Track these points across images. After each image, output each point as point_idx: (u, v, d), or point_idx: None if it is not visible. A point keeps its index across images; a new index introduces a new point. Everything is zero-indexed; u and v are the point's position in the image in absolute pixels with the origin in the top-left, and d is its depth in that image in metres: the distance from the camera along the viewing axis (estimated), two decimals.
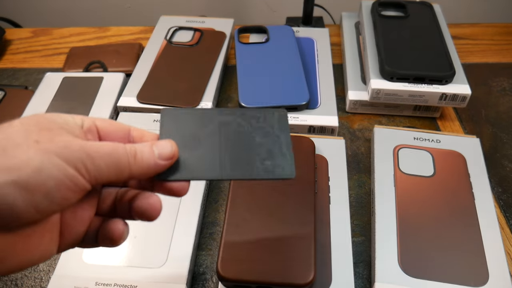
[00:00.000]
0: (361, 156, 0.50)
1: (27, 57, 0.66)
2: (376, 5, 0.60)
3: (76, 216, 0.24)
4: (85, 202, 0.25)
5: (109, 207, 0.26)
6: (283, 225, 0.37)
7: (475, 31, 0.69)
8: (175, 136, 0.27)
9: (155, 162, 0.24)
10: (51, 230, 0.23)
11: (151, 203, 0.25)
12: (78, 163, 0.21)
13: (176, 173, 0.26)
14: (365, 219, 0.44)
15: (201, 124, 0.28)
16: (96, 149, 0.22)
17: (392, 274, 0.36)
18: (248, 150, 0.27)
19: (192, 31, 0.62)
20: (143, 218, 0.25)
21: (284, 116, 0.29)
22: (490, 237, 0.38)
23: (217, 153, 0.27)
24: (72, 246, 0.25)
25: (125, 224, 0.26)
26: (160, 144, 0.25)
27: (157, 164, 0.24)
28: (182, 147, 0.26)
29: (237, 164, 0.27)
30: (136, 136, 0.26)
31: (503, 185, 0.47)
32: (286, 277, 0.34)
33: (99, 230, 0.25)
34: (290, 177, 0.27)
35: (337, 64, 0.61)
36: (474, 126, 0.54)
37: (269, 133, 0.28)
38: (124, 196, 0.26)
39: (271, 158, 0.27)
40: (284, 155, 0.27)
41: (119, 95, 0.54)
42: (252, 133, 0.28)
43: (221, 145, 0.27)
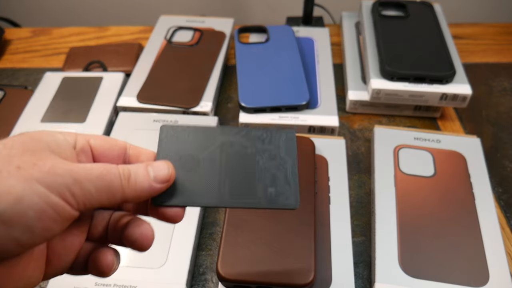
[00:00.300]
0: (361, 156, 0.50)
1: (27, 57, 0.66)
2: (376, 5, 0.60)
3: (65, 243, 0.23)
4: (75, 228, 0.23)
5: (101, 233, 0.25)
6: (283, 225, 0.37)
7: (475, 31, 0.69)
8: (172, 156, 0.25)
9: (149, 185, 0.22)
10: (36, 259, 0.22)
11: (142, 233, 0.24)
12: (63, 189, 0.19)
13: (171, 198, 0.24)
14: (365, 219, 0.44)
15: (201, 144, 0.26)
16: (85, 173, 0.20)
17: (392, 274, 0.36)
18: (251, 175, 0.25)
19: (192, 31, 0.62)
20: (134, 248, 0.24)
21: (292, 138, 0.27)
22: (490, 238, 0.38)
23: (216, 178, 0.25)
24: (60, 273, 0.24)
25: (116, 255, 0.24)
26: (156, 166, 0.23)
27: (152, 188, 0.22)
28: (179, 169, 0.25)
29: (238, 191, 0.25)
30: (132, 155, 0.25)
31: (504, 185, 0.47)
32: (286, 277, 0.34)
33: (89, 258, 0.24)
34: (294, 208, 0.25)
35: (337, 64, 0.61)
36: (475, 126, 0.54)
37: (275, 156, 0.26)
38: (117, 222, 0.25)
39: (275, 185, 0.25)
40: (288, 182, 0.25)
41: (118, 95, 0.54)
42: (256, 155, 0.26)
43: (221, 168, 0.25)
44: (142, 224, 0.24)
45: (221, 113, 0.55)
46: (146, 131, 0.48)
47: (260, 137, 0.26)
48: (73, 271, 0.24)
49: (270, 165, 0.26)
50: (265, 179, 0.25)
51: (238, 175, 0.25)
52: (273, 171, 0.25)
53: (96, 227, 0.25)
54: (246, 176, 0.25)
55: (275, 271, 0.34)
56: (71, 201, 0.20)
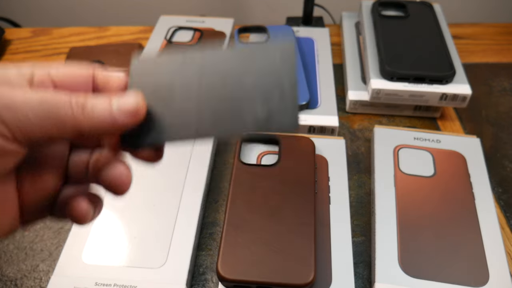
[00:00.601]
0: (361, 156, 0.50)
1: (27, 57, 0.66)
2: (376, 5, 0.60)
3: (36, 188, 0.21)
4: (44, 171, 0.21)
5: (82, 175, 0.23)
6: (283, 225, 0.37)
7: (475, 31, 0.69)
8: (145, 88, 0.21)
9: (111, 116, 0.19)
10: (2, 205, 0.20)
11: (116, 176, 0.21)
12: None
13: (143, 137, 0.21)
14: (365, 219, 0.44)
15: (179, 71, 0.22)
16: (23, 98, 0.18)
17: (392, 274, 0.36)
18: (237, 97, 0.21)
19: (192, 31, 0.62)
20: (110, 191, 0.22)
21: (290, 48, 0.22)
22: (490, 237, 0.38)
23: (194, 106, 0.21)
24: (39, 218, 0.22)
25: (93, 202, 0.22)
26: (122, 96, 0.20)
27: (115, 119, 0.19)
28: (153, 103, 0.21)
29: (221, 117, 0.21)
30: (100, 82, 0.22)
31: (504, 185, 0.47)
32: (286, 277, 0.34)
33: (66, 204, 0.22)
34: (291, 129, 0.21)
35: (337, 64, 0.61)
36: (475, 126, 0.54)
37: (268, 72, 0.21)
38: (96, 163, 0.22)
39: (267, 104, 0.21)
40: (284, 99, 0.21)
41: None
42: (244, 74, 0.21)
43: (201, 95, 0.21)
44: (117, 166, 0.21)
45: None
46: None
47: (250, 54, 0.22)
48: (55, 216, 0.23)
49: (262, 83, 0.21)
50: (254, 99, 0.21)
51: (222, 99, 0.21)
52: (266, 89, 0.21)
53: (75, 169, 0.23)
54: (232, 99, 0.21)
55: (275, 271, 0.34)
56: (3, 131, 0.17)
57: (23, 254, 0.41)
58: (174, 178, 0.43)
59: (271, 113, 0.20)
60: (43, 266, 0.40)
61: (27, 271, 0.40)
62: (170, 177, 0.44)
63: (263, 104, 0.21)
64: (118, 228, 0.40)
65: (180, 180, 0.43)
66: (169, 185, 0.43)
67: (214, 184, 0.47)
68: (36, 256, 0.41)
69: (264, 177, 0.41)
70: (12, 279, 0.39)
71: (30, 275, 0.40)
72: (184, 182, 0.43)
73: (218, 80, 0.21)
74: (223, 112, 0.21)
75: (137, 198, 0.42)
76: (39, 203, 0.21)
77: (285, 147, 0.43)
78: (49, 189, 0.22)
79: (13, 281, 0.39)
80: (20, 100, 0.18)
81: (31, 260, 0.41)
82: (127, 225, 0.40)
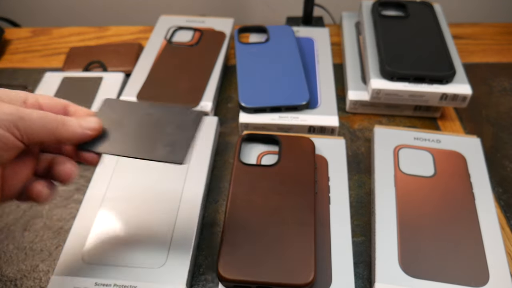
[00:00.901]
0: (361, 156, 0.50)
1: (27, 57, 0.66)
2: (376, 5, 0.60)
3: (16, 174, 0.29)
4: (24, 161, 0.29)
5: (44, 170, 0.31)
6: (283, 225, 0.37)
7: (475, 31, 0.69)
8: (105, 117, 0.33)
9: (82, 130, 0.30)
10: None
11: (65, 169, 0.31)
12: (9, 124, 0.26)
13: (94, 145, 0.31)
14: (365, 219, 0.44)
15: (129, 113, 0.34)
16: (29, 113, 0.27)
17: (392, 274, 0.36)
18: (156, 137, 0.32)
19: (192, 31, 0.62)
20: (58, 180, 0.31)
21: (200, 117, 0.33)
22: (490, 238, 0.38)
23: (129, 136, 0.32)
24: (10, 199, 0.30)
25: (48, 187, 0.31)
26: (88, 119, 0.31)
27: (84, 132, 0.30)
28: (107, 127, 0.32)
29: (141, 146, 0.32)
30: (71, 111, 0.32)
31: (504, 185, 0.47)
32: (286, 277, 0.34)
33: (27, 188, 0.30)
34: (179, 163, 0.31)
35: (337, 64, 0.61)
36: (475, 126, 0.54)
37: (181, 127, 0.33)
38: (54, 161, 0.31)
39: (172, 146, 0.31)
40: (182, 146, 0.31)
41: (119, 94, 0.54)
42: (166, 125, 0.33)
43: (136, 130, 0.33)
44: (67, 162, 0.31)
45: (221, 113, 0.55)
46: None
47: (175, 113, 0.33)
48: (20, 198, 0.30)
49: (174, 133, 0.32)
50: (165, 141, 0.32)
51: (147, 136, 0.32)
52: (175, 137, 0.32)
53: (40, 165, 0.31)
54: (152, 138, 0.32)
55: (275, 271, 0.34)
56: (16, 133, 0.26)
57: (23, 254, 0.41)
58: (174, 178, 0.43)
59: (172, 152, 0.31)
60: (43, 266, 0.40)
61: (27, 271, 0.40)
62: (170, 177, 0.44)
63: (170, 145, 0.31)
64: (118, 228, 0.40)
65: (180, 180, 0.43)
66: (169, 185, 0.43)
67: (214, 184, 0.47)
68: (36, 256, 0.41)
69: (264, 177, 0.41)
70: (12, 279, 0.39)
71: (30, 275, 0.40)
72: (184, 182, 0.43)
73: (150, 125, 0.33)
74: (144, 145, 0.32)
75: (137, 199, 0.42)
76: (14, 187, 0.29)
77: (285, 147, 0.43)
78: (24, 177, 0.30)
79: (13, 281, 0.39)
80: (28, 114, 0.27)
81: (31, 260, 0.41)
82: (127, 225, 0.40)
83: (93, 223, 0.40)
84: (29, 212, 0.45)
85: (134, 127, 0.33)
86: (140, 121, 0.33)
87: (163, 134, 0.32)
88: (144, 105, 0.34)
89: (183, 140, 0.32)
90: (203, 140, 0.47)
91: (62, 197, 0.46)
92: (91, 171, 0.48)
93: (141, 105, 0.35)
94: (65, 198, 0.46)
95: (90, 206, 0.41)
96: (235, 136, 0.53)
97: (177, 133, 0.32)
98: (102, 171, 0.44)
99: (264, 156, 0.44)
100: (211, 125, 0.49)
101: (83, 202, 0.42)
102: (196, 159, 0.45)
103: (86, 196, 0.42)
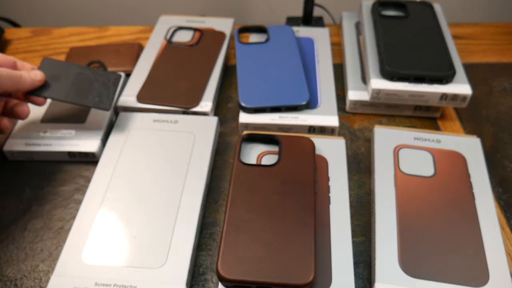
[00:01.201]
0: (361, 156, 0.50)
1: (27, 57, 0.66)
2: (376, 5, 0.60)
3: None
4: None
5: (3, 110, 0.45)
6: (283, 225, 0.37)
7: (475, 30, 0.69)
8: (46, 71, 0.46)
9: (32, 81, 0.43)
10: None
11: (22, 108, 0.44)
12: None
13: (41, 92, 0.45)
14: (365, 219, 0.44)
15: (65, 71, 0.47)
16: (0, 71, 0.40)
17: (392, 274, 0.36)
18: (89, 90, 0.46)
19: (192, 31, 0.62)
20: (16, 116, 0.45)
21: (118, 79, 0.48)
22: (490, 237, 0.38)
23: (68, 88, 0.46)
24: None
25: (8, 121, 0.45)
26: (35, 72, 0.44)
27: (33, 83, 0.44)
28: (48, 79, 0.45)
29: (76, 95, 0.45)
30: (19, 65, 0.44)
31: (504, 185, 0.47)
32: (286, 277, 0.34)
33: None
34: (106, 109, 0.46)
35: (337, 64, 0.61)
36: (475, 126, 0.54)
37: (105, 85, 0.47)
38: (9, 103, 0.45)
39: (100, 97, 0.46)
40: (107, 98, 0.47)
41: (118, 95, 0.54)
42: (95, 82, 0.47)
43: (73, 84, 0.46)
44: (23, 105, 0.45)
45: (221, 113, 0.55)
46: (146, 131, 0.48)
47: (100, 74, 0.48)
48: None
49: (100, 88, 0.47)
50: (95, 93, 0.46)
51: (80, 88, 0.46)
52: (101, 91, 0.47)
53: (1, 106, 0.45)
54: (84, 90, 0.46)
55: (275, 271, 0.34)
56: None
57: (23, 254, 0.41)
58: (174, 178, 0.43)
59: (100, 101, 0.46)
60: (43, 266, 0.40)
61: (27, 271, 0.40)
62: (170, 176, 0.44)
63: (98, 96, 0.46)
64: (118, 228, 0.40)
65: (180, 180, 0.43)
66: (169, 185, 0.43)
67: (214, 184, 0.47)
68: (36, 256, 0.41)
69: (264, 177, 0.41)
70: (12, 279, 0.39)
71: (30, 275, 0.40)
72: (184, 182, 0.43)
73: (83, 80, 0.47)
74: (79, 94, 0.46)
75: (137, 199, 0.42)
76: None
77: (285, 147, 0.43)
78: None
79: (13, 281, 0.39)
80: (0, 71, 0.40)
81: (31, 260, 0.41)
82: (127, 225, 0.40)
83: (93, 223, 0.40)
84: (29, 212, 0.45)
85: (70, 81, 0.46)
86: (74, 78, 0.46)
87: (92, 88, 0.46)
88: (75, 66, 0.47)
89: (107, 94, 0.46)
90: (203, 140, 0.47)
91: (62, 197, 0.46)
92: (91, 171, 0.48)
93: (73, 66, 0.47)
94: (65, 198, 0.46)
95: (90, 206, 0.41)
96: (235, 136, 0.53)
97: (102, 89, 0.47)
98: (102, 171, 0.44)
99: (264, 156, 0.44)
100: (211, 125, 0.49)
101: (83, 202, 0.42)
102: (196, 159, 0.45)
103: (86, 196, 0.42)
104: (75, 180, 0.48)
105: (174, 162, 0.45)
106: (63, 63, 0.47)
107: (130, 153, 0.46)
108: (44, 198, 0.46)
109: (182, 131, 0.48)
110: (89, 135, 0.49)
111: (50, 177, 0.48)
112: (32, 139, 0.49)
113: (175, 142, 0.47)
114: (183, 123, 0.49)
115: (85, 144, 0.48)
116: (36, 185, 0.47)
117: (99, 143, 0.48)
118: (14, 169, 0.49)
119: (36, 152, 0.48)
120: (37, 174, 0.48)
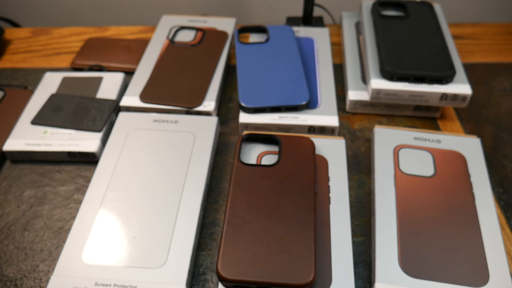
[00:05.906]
0: (361, 156, 0.50)
1: (27, 57, 0.66)
2: (376, 5, 0.60)
3: None
4: None
5: None
6: (283, 225, 0.37)
7: (476, 30, 0.69)
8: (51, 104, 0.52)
9: None
10: None
11: None
12: None
13: (43, 121, 0.51)
14: (365, 219, 0.44)
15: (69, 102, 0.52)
16: None
17: (392, 274, 0.36)
18: (85, 116, 0.51)
19: (194, 30, 0.62)
20: None
21: (113, 105, 0.52)
22: (490, 238, 0.38)
23: (67, 115, 0.51)
24: None
25: None
26: None
27: None
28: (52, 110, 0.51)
29: (75, 121, 0.50)
30: None
31: (504, 185, 0.47)
32: (286, 277, 0.34)
33: None
34: (96, 131, 0.49)
35: (337, 64, 0.61)
36: (475, 126, 0.54)
37: (101, 110, 0.51)
38: None
39: (93, 121, 0.50)
40: (100, 120, 0.50)
41: (118, 94, 0.54)
42: (92, 108, 0.52)
43: (72, 112, 0.51)
44: None
45: (222, 113, 0.55)
46: (146, 131, 0.48)
47: (97, 102, 0.52)
48: None
49: (96, 113, 0.51)
50: (90, 118, 0.50)
51: (78, 116, 0.51)
52: (96, 116, 0.51)
53: None
54: (81, 117, 0.51)
55: (275, 271, 0.34)
56: None
57: (23, 254, 0.41)
58: (174, 178, 0.43)
59: (93, 125, 0.50)
60: (43, 266, 0.40)
61: (27, 271, 0.40)
62: (170, 177, 0.44)
63: (92, 121, 0.50)
64: (118, 228, 0.40)
65: (180, 180, 0.43)
66: (169, 185, 0.43)
67: (214, 184, 0.47)
68: (36, 256, 0.41)
69: (264, 177, 0.41)
70: (12, 279, 0.39)
71: (30, 275, 0.40)
72: (184, 182, 0.43)
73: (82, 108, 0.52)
74: (78, 119, 0.51)
75: (137, 199, 0.42)
76: None
77: (285, 147, 0.43)
78: None
79: (13, 281, 0.39)
80: None
81: (31, 260, 0.41)
82: (127, 225, 0.40)
83: (93, 223, 0.40)
84: (29, 212, 0.45)
85: (70, 110, 0.51)
86: (74, 107, 0.52)
87: (89, 114, 0.51)
88: (77, 97, 0.53)
89: (101, 117, 0.50)
90: (203, 140, 0.47)
91: (62, 197, 0.46)
92: (91, 171, 0.48)
93: (75, 97, 0.53)
94: (65, 198, 0.46)
95: (90, 206, 0.41)
96: (235, 136, 0.53)
97: (97, 113, 0.51)
98: (102, 171, 0.44)
99: (264, 156, 0.44)
100: (211, 125, 0.49)
101: (83, 202, 0.42)
102: (196, 159, 0.45)
103: (86, 196, 0.42)
104: (75, 180, 0.48)
105: (174, 162, 0.45)
106: (67, 96, 0.53)
107: (130, 153, 0.46)
108: (44, 198, 0.46)
109: (182, 131, 0.48)
110: (89, 135, 0.49)
111: (50, 177, 0.48)
112: (32, 139, 0.49)
113: (175, 142, 0.47)
114: (183, 123, 0.49)
115: (85, 144, 0.48)
116: (36, 185, 0.47)
117: (99, 143, 0.48)
118: (14, 169, 0.49)
119: (36, 152, 0.48)
120: (37, 174, 0.48)
